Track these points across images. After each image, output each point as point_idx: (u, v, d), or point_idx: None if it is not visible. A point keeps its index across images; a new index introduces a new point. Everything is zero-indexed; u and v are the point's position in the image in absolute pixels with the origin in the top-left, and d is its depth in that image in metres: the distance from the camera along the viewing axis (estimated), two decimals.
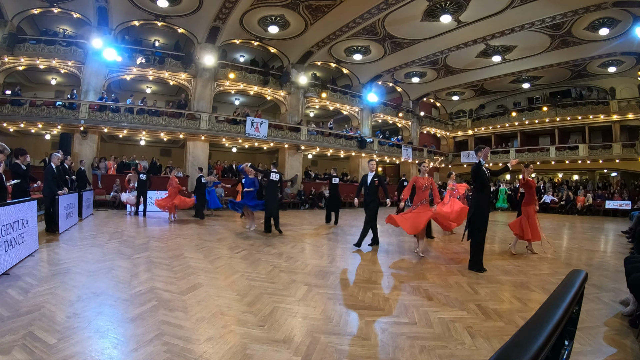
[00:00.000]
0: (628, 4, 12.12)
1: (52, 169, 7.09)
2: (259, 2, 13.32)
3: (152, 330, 2.69)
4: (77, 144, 14.04)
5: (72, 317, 2.88)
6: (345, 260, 5.56)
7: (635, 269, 3.22)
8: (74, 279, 3.94)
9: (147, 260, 5.03)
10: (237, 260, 5.28)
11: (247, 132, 16.40)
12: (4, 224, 4.10)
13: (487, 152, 5.16)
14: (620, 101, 19.03)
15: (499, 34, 14.87)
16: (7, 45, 13.28)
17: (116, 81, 16.38)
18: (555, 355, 0.94)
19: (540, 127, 22.11)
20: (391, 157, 22.29)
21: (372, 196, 6.54)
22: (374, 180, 6.54)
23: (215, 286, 3.90)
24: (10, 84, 15.03)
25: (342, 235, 8.23)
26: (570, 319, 0.96)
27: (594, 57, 16.83)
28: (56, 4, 13.77)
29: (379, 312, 3.28)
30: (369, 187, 6.56)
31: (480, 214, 4.93)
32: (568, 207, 17.35)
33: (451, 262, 5.57)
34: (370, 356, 2.44)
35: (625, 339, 2.82)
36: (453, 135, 26.89)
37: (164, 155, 18.80)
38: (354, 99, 20.94)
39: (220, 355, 2.37)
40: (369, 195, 6.59)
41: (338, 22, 14.65)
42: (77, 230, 7.55)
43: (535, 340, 0.71)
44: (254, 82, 17.66)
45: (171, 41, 17.06)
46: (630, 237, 8.23)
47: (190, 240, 6.79)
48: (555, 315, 0.84)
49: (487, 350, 2.56)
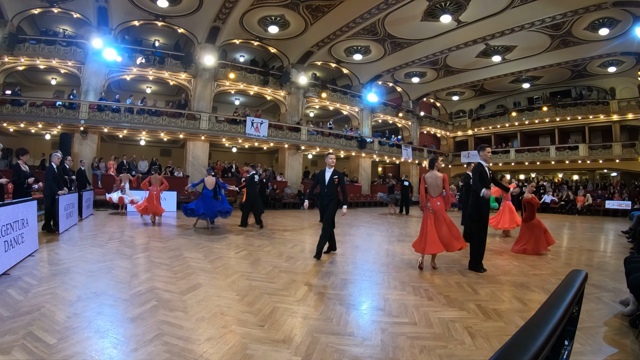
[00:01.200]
0: (628, 4, 12.12)
1: (53, 169, 7.09)
2: (259, 2, 13.32)
3: (152, 330, 2.69)
4: (77, 144, 14.04)
5: (72, 317, 2.88)
6: (345, 260, 5.56)
7: (635, 269, 3.22)
8: (74, 279, 3.94)
9: (147, 260, 5.03)
10: (237, 260, 5.28)
11: (247, 132, 16.40)
12: (4, 224, 4.10)
13: (488, 153, 5.20)
14: (620, 101, 19.03)
15: (499, 34, 14.87)
16: (7, 45, 13.28)
17: (116, 81, 16.38)
18: (555, 355, 0.94)
19: (540, 127, 22.11)
20: (391, 157, 22.29)
21: (331, 196, 5.71)
22: (334, 178, 5.70)
23: (215, 286, 3.90)
24: (10, 84, 15.04)
25: (342, 236, 8.22)
26: (570, 319, 0.96)
27: (594, 57, 16.83)
28: (56, 4, 13.77)
29: (379, 312, 3.28)
30: (327, 186, 5.71)
31: (481, 215, 4.97)
32: (568, 207, 17.35)
33: (451, 262, 5.56)
34: (370, 356, 2.44)
35: (625, 339, 2.82)
36: (453, 135, 26.89)
37: (164, 155, 18.80)
38: (354, 99, 20.94)
39: (220, 355, 2.37)
40: (327, 196, 5.72)
41: (338, 22, 14.65)
42: (77, 230, 7.55)
43: (535, 340, 0.71)
44: (254, 82, 17.66)
45: (171, 41, 17.06)
46: (630, 237, 8.22)
47: (190, 240, 6.79)
48: (555, 315, 0.84)
49: (487, 350, 2.56)
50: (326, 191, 5.73)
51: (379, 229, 9.81)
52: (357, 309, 3.38)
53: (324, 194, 5.78)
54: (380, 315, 3.21)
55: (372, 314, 3.26)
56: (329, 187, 5.73)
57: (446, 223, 5.05)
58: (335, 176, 5.73)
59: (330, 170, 5.81)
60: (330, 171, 5.80)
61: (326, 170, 5.83)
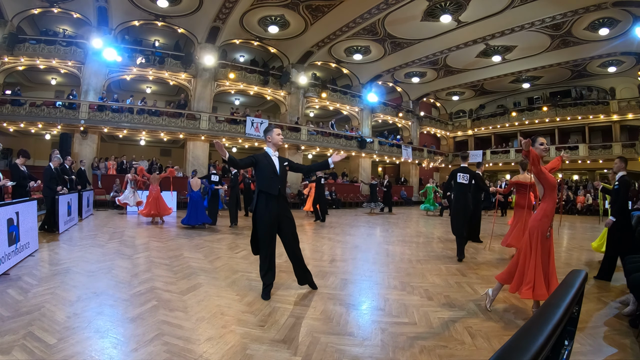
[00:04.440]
0: (628, 4, 12.13)
1: (51, 170, 7.10)
2: (259, 2, 13.32)
3: (152, 330, 2.69)
4: (77, 144, 14.05)
5: (72, 317, 2.87)
6: (346, 260, 5.55)
7: (635, 269, 3.22)
8: (74, 279, 3.94)
9: (147, 260, 5.03)
10: (237, 260, 5.28)
11: (247, 132, 16.41)
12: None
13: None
14: (620, 101, 19.04)
15: (499, 34, 14.88)
16: (7, 45, 13.29)
17: (116, 81, 16.39)
18: (555, 355, 0.94)
19: (540, 127, 22.11)
20: (391, 157, 22.30)
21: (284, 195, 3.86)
22: (284, 165, 3.77)
23: (215, 286, 3.90)
24: (10, 84, 15.04)
25: (342, 235, 8.23)
26: (570, 319, 0.96)
27: (594, 57, 16.84)
28: (56, 4, 13.77)
29: (379, 312, 3.28)
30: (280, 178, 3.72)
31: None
32: (568, 207, 17.36)
33: (451, 262, 5.56)
34: (370, 356, 2.44)
35: (625, 339, 2.82)
36: (453, 135, 26.89)
37: (164, 155, 18.81)
38: (354, 99, 20.94)
39: (220, 355, 2.37)
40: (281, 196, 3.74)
41: (338, 22, 14.66)
42: (77, 230, 7.55)
43: (535, 340, 0.71)
44: (254, 82, 17.67)
45: (171, 41, 17.06)
46: None
47: (190, 240, 6.79)
48: (555, 315, 0.83)
49: (487, 350, 2.56)
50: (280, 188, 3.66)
51: (379, 229, 9.81)
52: (357, 309, 3.38)
53: (273, 194, 3.62)
54: (380, 315, 3.21)
55: (372, 314, 3.26)
56: (282, 179, 3.73)
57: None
58: (285, 163, 3.80)
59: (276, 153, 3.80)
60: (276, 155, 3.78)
61: (270, 154, 3.74)
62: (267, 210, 3.55)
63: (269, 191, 3.59)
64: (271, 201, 3.58)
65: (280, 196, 3.63)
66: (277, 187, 3.61)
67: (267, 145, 3.78)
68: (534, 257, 3.16)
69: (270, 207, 3.56)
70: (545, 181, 3.28)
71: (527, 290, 3.11)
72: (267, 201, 3.58)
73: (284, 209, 3.66)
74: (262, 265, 3.63)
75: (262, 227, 3.56)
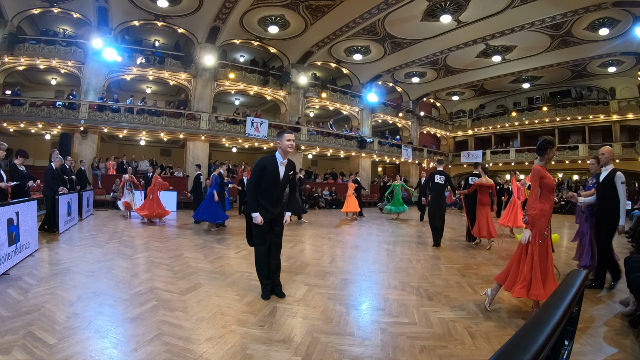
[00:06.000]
0: (628, 4, 12.12)
1: (52, 170, 7.10)
2: (259, 2, 13.32)
3: (152, 330, 2.69)
4: (77, 144, 14.04)
5: (72, 317, 2.88)
6: (345, 260, 5.56)
7: (635, 269, 3.22)
8: (74, 279, 3.94)
9: (147, 260, 5.03)
10: (237, 260, 5.28)
11: (247, 132, 16.40)
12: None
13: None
14: (620, 101, 19.03)
15: (499, 34, 14.87)
16: (7, 45, 13.28)
17: (116, 81, 16.38)
18: (555, 355, 0.94)
19: (540, 127, 22.08)
20: (391, 157, 22.30)
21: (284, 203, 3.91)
22: (289, 175, 3.70)
23: (215, 286, 3.90)
24: (10, 84, 15.03)
25: (342, 235, 8.23)
26: (570, 319, 0.96)
27: (594, 57, 16.82)
28: (56, 4, 13.77)
29: (379, 312, 3.28)
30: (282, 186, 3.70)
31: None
32: (568, 207, 17.35)
33: (451, 262, 5.56)
34: (370, 356, 2.44)
35: (625, 339, 2.82)
36: (453, 135, 26.89)
37: (164, 155, 18.80)
38: (354, 99, 20.94)
39: (220, 355, 2.37)
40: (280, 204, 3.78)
41: (338, 22, 14.65)
42: (77, 230, 7.55)
43: (535, 340, 0.71)
44: (254, 82, 17.66)
45: (171, 41, 17.05)
46: (630, 237, 8.22)
47: (190, 240, 6.79)
48: (555, 315, 0.83)
49: (487, 350, 2.56)
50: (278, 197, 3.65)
51: (379, 229, 9.80)
52: (357, 309, 3.38)
53: (274, 200, 3.60)
54: (380, 315, 3.21)
55: (372, 314, 3.26)
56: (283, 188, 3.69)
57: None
58: (291, 172, 3.71)
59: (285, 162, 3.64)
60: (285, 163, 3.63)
61: (278, 161, 3.58)
62: (263, 216, 3.53)
63: (266, 199, 3.57)
64: (267, 212, 3.54)
65: (277, 205, 3.60)
66: (274, 198, 3.58)
67: (278, 149, 3.63)
68: (530, 256, 3.16)
69: (265, 217, 3.53)
70: (544, 186, 3.35)
71: (520, 289, 3.11)
72: (264, 209, 3.54)
73: (277, 220, 3.65)
74: (257, 265, 3.66)
75: (256, 229, 3.60)
